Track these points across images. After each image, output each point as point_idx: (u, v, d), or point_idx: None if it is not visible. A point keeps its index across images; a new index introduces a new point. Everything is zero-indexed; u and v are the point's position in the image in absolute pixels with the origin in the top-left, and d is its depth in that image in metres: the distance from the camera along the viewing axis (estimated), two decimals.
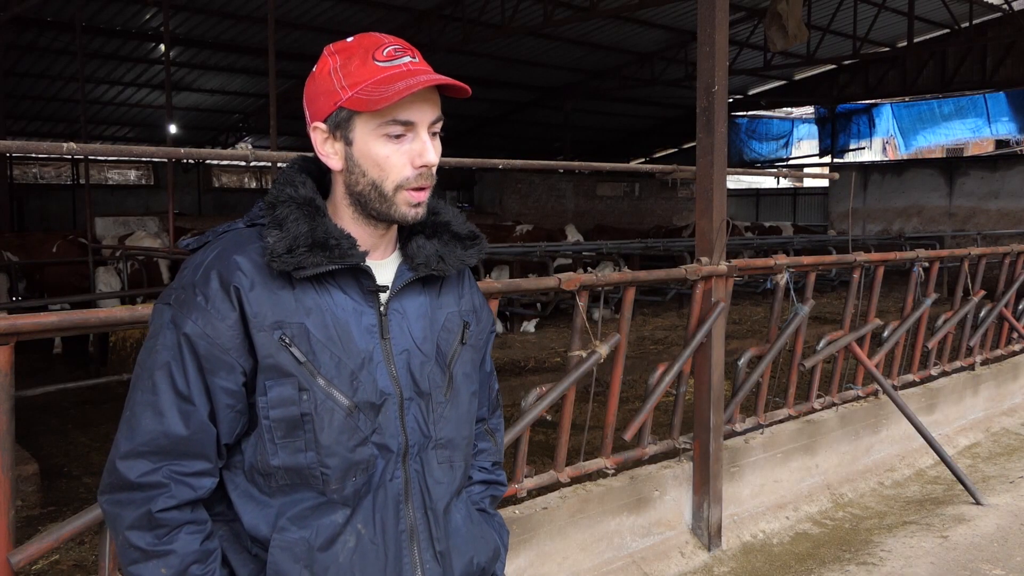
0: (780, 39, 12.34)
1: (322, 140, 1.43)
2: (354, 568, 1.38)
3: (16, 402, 2.28)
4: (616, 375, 3.81)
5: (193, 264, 1.40)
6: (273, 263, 1.35)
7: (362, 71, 1.37)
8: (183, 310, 1.35)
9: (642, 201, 26.27)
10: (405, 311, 1.47)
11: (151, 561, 1.32)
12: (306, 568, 1.36)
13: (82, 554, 4.28)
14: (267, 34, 9.43)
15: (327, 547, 1.37)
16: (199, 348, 1.34)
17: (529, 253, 11.93)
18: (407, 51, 1.40)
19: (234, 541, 1.41)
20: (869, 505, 4.78)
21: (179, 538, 1.33)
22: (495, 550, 1.61)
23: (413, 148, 1.40)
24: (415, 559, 1.44)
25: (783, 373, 4.88)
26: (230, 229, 1.45)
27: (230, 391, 1.36)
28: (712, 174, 3.94)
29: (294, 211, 1.39)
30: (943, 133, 24.25)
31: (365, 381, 1.40)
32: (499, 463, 1.75)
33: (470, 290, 1.61)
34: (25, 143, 3.39)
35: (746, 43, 20.28)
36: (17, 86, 18.41)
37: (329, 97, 1.39)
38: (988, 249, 6.48)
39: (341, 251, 1.38)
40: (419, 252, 1.48)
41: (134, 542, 1.32)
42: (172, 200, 10.31)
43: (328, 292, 1.40)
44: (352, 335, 1.41)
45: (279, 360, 1.36)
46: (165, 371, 1.35)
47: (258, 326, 1.35)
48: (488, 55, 20.18)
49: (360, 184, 1.42)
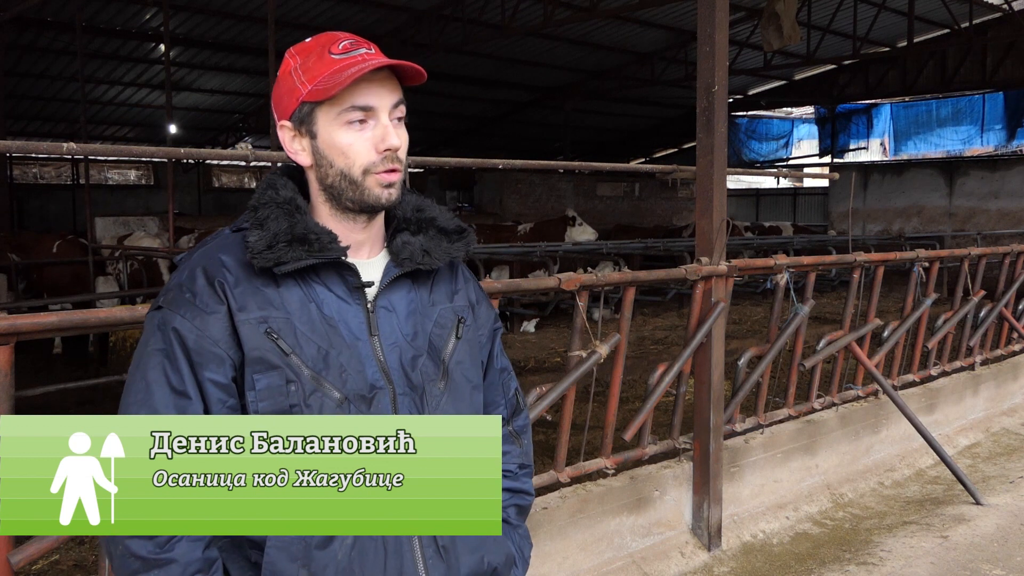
0: (776, 39, 12.37)
1: (290, 138, 1.46)
2: (353, 566, 1.37)
3: (16, 402, 2.29)
4: (616, 375, 3.81)
5: (179, 268, 1.43)
6: (254, 260, 1.37)
7: (319, 66, 1.40)
8: (172, 308, 1.38)
9: (642, 201, 26.26)
10: (394, 307, 1.48)
11: (152, 571, 1.31)
12: (304, 567, 1.34)
13: (82, 554, 4.28)
14: (267, 34, 9.44)
15: (325, 545, 1.36)
16: (189, 342, 1.36)
17: (529, 253, 11.92)
18: (362, 44, 1.43)
19: (233, 549, 1.40)
20: (869, 505, 4.78)
21: (180, 546, 1.31)
22: (508, 555, 1.56)
23: (376, 133, 1.42)
24: (416, 554, 1.42)
25: (783, 373, 4.88)
26: (216, 236, 1.48)
27: (220, 384, 1.37)
28: (712, 174, 3.94)
29: (274, 211, 1.42)
30: (934, 142, 24.25)
31: (354, 374, 1.41)
32: (527, 467, 1.67)
33: (464, 285, 1.60)
34: (25, 143, 3.40)
35: (746, 43, 20.27)
36: (17, 86, 18.41)
37: (291, 95, 1.43)
38: (988, 249, 6.48)
39: (321, 245, 1.40)
40: (404, 248, 1.49)
41: (134, 551, 1.30)
42: (172, 200, 10.31)
43: (313, 289, 1.42)
44: (339, 331, 1.41)
45: (265, 352, 1.37)
46: (159, 370, 1.36)
47: (244, 319, 1.37)
48: (488, 55, 20.15)
49: (330, 176, 1.44)
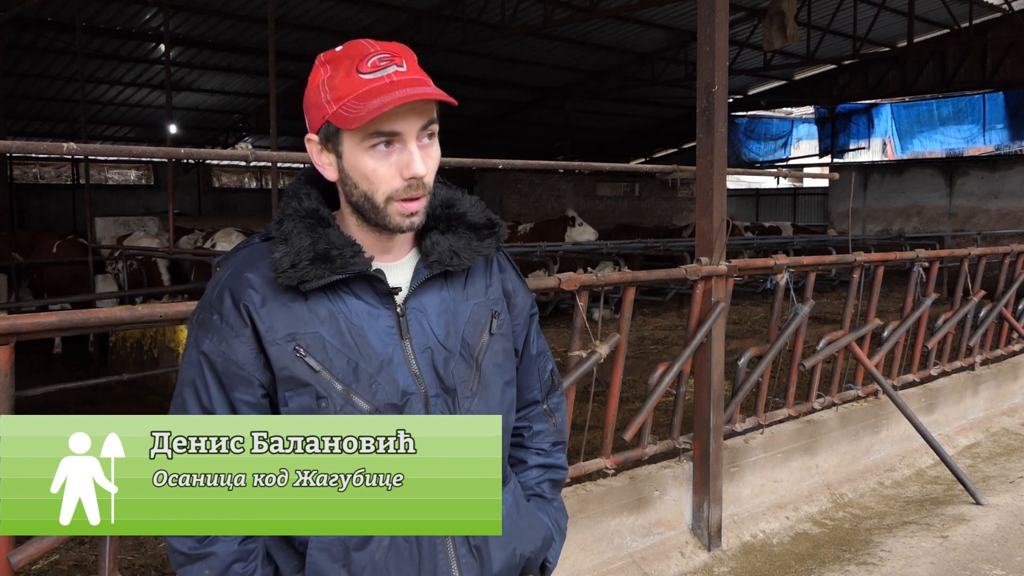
0: (778, 38, 12.38)
1: (317, 152, 1.45)
2: (389, 566, 1.41)
3: (16, 402, 2.29)
4: (616, 375, 3.81)
5: (212, 283, 1.46)
6: (279, 279, 1.38)
7: (345, 84, 1.37)
8: (201, 329, 1.42)
9: (642, 201, 26.24)
10: (425, 309, 1.48)
11: (195, 564, 1.39)
12: (343, 567, 1.40)
13: (82, 554, 4.28)
14: (267, 34, 9.44)
15: (362, 547, 1.40)
16: (217, 365, 1.40)
17: (529, 253, 11.92)
18: (395, 59, 1.38)
19: (281, 539, 1.45)
20: (869, 505, 4.78)
21: (219, 540, 1.39)
22: (545, 539, 1.61)
23: (401, 159, 1.39)
24: (449, 554, 1.45)
25: (783, 373, 4.88)
26: (248, 244, 1.48)
27: (251, 404, 1.41)
28: (712, 174, 3.94)
29: (298, 224, 1.42)
30: (938, 140, 24.27)
31: (384, 383, 1.42)
32: (560, 443, 1.72)
33: (499, 277, 1.60)
34: (25, 143, 3.40)
35: (746, 43, 20.26)
36: (17, 86, 18.39)
37: (318, 111, 1.41)
38: (988, 249, 6.48)
39: (343, 261, 1.40)
40: (433, 249, 1.48)
41: (177, 547, 1.40)
42: (172, 200, 10.32)
43: (342, 299, 1.42)
44: (368, 339, 1.42)
45: (295, 371, 1.39)
46: (191, 388, 1.42)
47: (271, 340, 1.39)
48: (488, 55, 20.14)
49: (354, 195, 1.43)
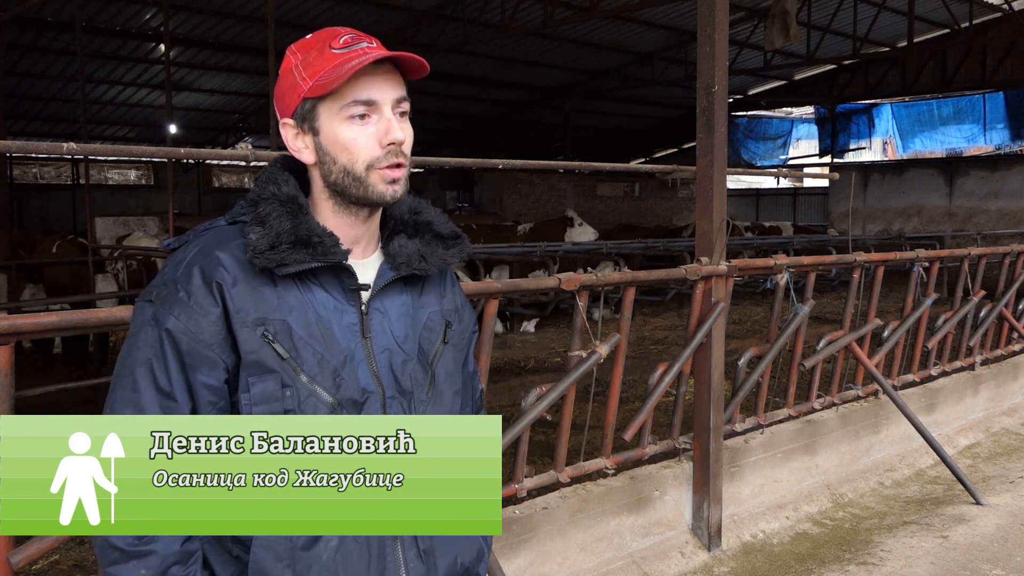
0: (780, 38, 12.39)
1: (292, 136, 1.45)
2: (337, 567, 1.38)
3: (16, 402, 2.29)
4: (616, 375, 3.81)
5: (175, 261, 1.40)
6: (256, 259, 1.36)
7: (319, 61, 1.40)
8: (165, 306, 1.36)
9: (642, 201, 26.25)
10: (386, 310, 1.48)
11: (131, 562, 1.32)
12: (288, 567, 1.35)
13: (82, 554, 4.28)
14: (267, 34, 9.44)
15: (310, 546, 1.36)
16: (181, 344, 1.35)
17: (529, 253, 11.92)
18: (363, 38, 1.43)
19: (215, 543, 1.40)
20: (869, 505, 4.78)
21: (159, 538, 1.32)
22: (479, 551, 1.59)
23: (379, 128, 1.40)
24: (398, 558, 1.43)
25: (783, 373, 4.88)
26: (211, 227, 1.46)
27: (212, 387, 1.36)
28: (712, 174, 3.94)
29: (276, 208, 1.41)
30: (939, 139, 24.28)
31: (347, 378, 1.41)
32: None
33: (452, 289, 1.61)
34: (25, 143, 3.40)
35: (746, 43, 20.26)
36: (17, 86, 18.39)
37: (293, 92, 1.42)
38: (988, 249, 6.49)
39: (324, 248, 1.39)
40: (401, 251, 1.49)
41: (113, 542, 1.31)
42: (172, 200, 10.29)
43: (310, 290, 1.41)
44: (334, 333, 1.41)
45: (262, 356, 1.36)
46: (147, 368, 1.35)
47: (241, 322, 1.36)
48: (488, 55, 20.13)
49: (333, 172, 1.43)
